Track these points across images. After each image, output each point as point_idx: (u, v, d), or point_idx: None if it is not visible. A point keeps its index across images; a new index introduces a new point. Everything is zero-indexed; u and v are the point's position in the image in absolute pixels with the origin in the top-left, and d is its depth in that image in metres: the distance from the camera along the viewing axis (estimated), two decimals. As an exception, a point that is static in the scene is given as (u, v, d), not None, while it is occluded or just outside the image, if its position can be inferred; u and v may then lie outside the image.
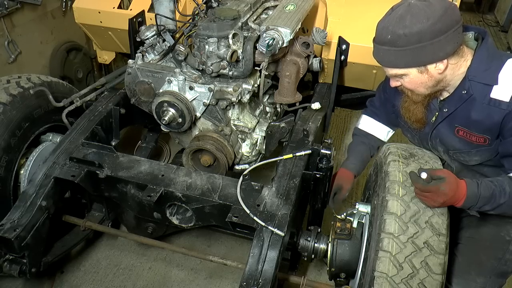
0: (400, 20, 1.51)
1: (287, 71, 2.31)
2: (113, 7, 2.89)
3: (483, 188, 1.56)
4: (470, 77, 1.61)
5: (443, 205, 1.60)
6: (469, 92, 1.62)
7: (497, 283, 1.86)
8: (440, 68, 1.57)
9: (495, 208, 1.57)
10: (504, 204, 1.55)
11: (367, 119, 2.22)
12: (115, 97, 2.47)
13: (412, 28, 1.48)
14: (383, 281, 1.49)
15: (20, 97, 2.20)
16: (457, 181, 1.56)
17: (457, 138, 1.74)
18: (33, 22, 3.51)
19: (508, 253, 1.82)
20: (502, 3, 6.40)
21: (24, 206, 1.97)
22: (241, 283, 1.68)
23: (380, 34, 1.59)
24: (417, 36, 1.49)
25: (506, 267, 1.84)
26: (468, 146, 1.73)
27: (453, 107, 1.70)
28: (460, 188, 1.56)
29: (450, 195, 1.54)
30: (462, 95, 1.64)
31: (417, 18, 1.48)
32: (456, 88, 1.67)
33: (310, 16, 2.59)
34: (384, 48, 1.58)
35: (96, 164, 2.05)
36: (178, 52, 2.18)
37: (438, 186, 1.54)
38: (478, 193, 1.55)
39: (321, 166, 2.08)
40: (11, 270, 1.98)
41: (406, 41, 1.51)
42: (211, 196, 1.93)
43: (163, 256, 2.73)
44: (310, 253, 2.00)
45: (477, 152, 1.72)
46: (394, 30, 1.52)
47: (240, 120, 2.36)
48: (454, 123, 1.72)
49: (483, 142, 1.66)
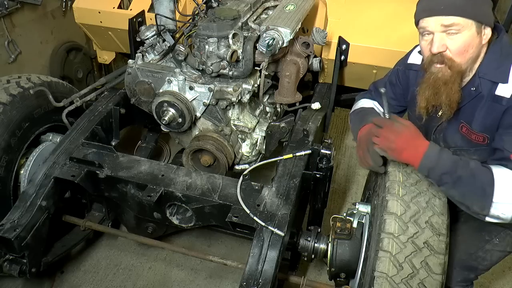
0: None
1: (287, 71, 2.31)
2: (113, 7, 2.89)
3: (446, 153, 1.49)
4: (481, 74, 1.59)
5: (396, 153, 1.51)
6: (478, 90, 1.60)
7: (462, 275, 1.89)
8: (488, 35, 1.55)
9: (455, 182, 1.46)
10: (463, 180, 1.45)
11: (368, 102, 2.02)
12: (115, 97, 2.47)
13: None
14: (383, 281, 1.49)
15: (20, 97, 2.20)
16: (418, 133, 1.51)
17: (460, 135, 1.72)
18: (33, 22, 3.51)
19: (482, 251, 1.84)
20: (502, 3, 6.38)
21: (24, 206, 1.97)
22: (241, 283, 1.68)
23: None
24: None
25: (476, 263, 1.87)
26: (468, 144, 1.71)
27: (461, 103, 1.65)
28: (419, 140, 1.50)
29: (404, 137, 1.49)
30: (471, 91, 1.62)
31: None
32: (466, 84, 1.63)
33: (310, 16, 2.59)
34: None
35: (96, 164, 2.05)
36: (178, 52, 2.18)
37: (394, 121, 1.50)
38: (438, 155, 1.47)
39: (321, 166, 2.08)
40: (11, 270, 1.98)
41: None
42: (211, 196, 1.93)
43: (163, 256, 2.73)
44: (310, 253, 2.00)
45: (476, 151, 1.71)
46: None
47: (240, 120, 2.36)
48: (460, 119, 1.70)
49: (482, 141, 1.65)
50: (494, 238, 1.83)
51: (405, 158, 1.53)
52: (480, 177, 1.45)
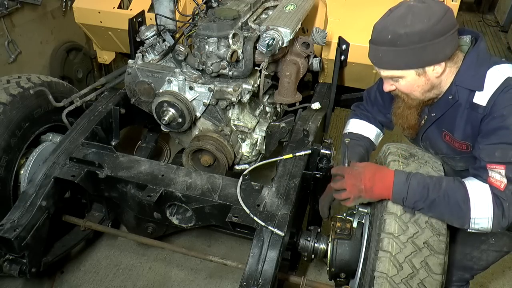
0: (401, 20, 1.48)
1: (287, 71, 2.31)
2: (113, 7, 2.89)
3: (414, 179, 1.53)
4: (457, 82, 1.58)
5: (367, 192, 1.57)
6: (455, 98, 1.59)
7: (457, 274, 1.91)
8: (438, 71, 1.54)
9: (430, 206, 1.51)
10: (437, 202, 1.49)
11: (358, 122, 2.09)
12: (115, 97, 2.47)
13: (414, 27, 1.45)
14: (383, 281, 1.49)
15: (20, 97, 2.20)
16: (378, 167, 1.57)
17: (444, 143, 1.73)
18: (33, 22, 3.51)
19: (478, 251, 1.85)
20: (502, 3, 6.40)
21: (24, 206, 1.97)
22: (241, 283, 1.68)
23: (379, 35, 1.54)
24: (419, 35, 1.45)
25: (471, 262, 1.89)
26: (453, 152, 1.71)
27: (440, 112, 1.67)
28: (382, 172, 1.56)
29: (367, 175, 1.55)
30: (448, 100, 1.62)
31: (419, 17, 1.45)
32: (444, 93, 1.63)
33: (310, 16, 2.59)
34: (383, 48, 1.53)
35: (96, 164, 2.05)
36: (178, 52, 2.18)
37: (352, 167, 1.56)
38: (407, 183, 1.52)
39: (321, 166, 2.08)
40: (11, 270, 1.98)
41: (407, 41, 1.47)
42: (211, 196, 1.93)
43: (163, 256, 2.73)
44: (310, 253, 2.00)
45: (462, 159, 1.71)
46: (395, 29, 1.48)
47: (240, 120, 2.36)
48: (441, 127, 1.71)
49: (465, 149, 1.64)
50: (490, 238, 1.83)
51: (378, 194, 1.59)
52: (454, 196, 1.48)
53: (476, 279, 2.57)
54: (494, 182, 1.45)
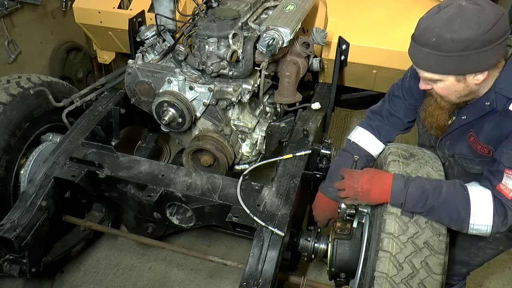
0: (448, 23, 1.36)
1: (287, 71, 2.31)
2: (113, 7, 2.89)
3: (413, 185, 1.52)
4: (497, 89, 1.50)
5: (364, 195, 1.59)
6: (492, 105, 1.52)
7: (453, 268, 1.92)
8: (479, 79, 1.44)
9: (429, 211, 1.50)
10: (436, 208, 1.48)
11: (366, 135, 1.97)
12: (115, 97, 2.47)
13: (461, 34, 1.34)
14: (383, 281, 1.49)
15: (20, 97, 2.20)
16: (377, 171, 1.59)
17: (466, 143, 1.68)
18: (33, 22, 3.51)
19: (475, 247, 1.85)
20: (502, 3, 6.40)
21: (24, 206, 1.97)
22: (241, 283, 1.68)
23: (422, 34, 1.43)
24: (465, 43, 1.35)
25: (468, 258, 1.90)
26: (473, 154, 1.67)
27: (472, 116, 1.61)
28: (381, 176, 1.57)
29: (365, 178, 1.57)
30: (484, 106, 1.54)
31: (468, 23, 1.34)
32: (480, 98, 1.55)
33: (310, 16, 2.59)
34: (425, 50, 1.43)
35: (96, 164, 2.05)
36: (178, 52, 2.18)
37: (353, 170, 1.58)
38: (405, 189, 1.52)
39: (321, 166, 2.08)
40: (11, 270, 1.98)
41: (452, 47, 1.37)
42: (211, 196, 1.93)
43: (163, 256, 2.73)
44: (310, 253, 2.00)
45: (480, 162, 1.67)
46: (441, 33, 1.37)
47: (240, 120, 2.36)
48: (470, 128, 1.65)
49: (487, 153, 1.60)
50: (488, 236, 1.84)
51: (376, 197, 1.60)
52: (454, 202, 1.48)
53: (476, 279, 2.58)
54: (503, 189, 1.44)
